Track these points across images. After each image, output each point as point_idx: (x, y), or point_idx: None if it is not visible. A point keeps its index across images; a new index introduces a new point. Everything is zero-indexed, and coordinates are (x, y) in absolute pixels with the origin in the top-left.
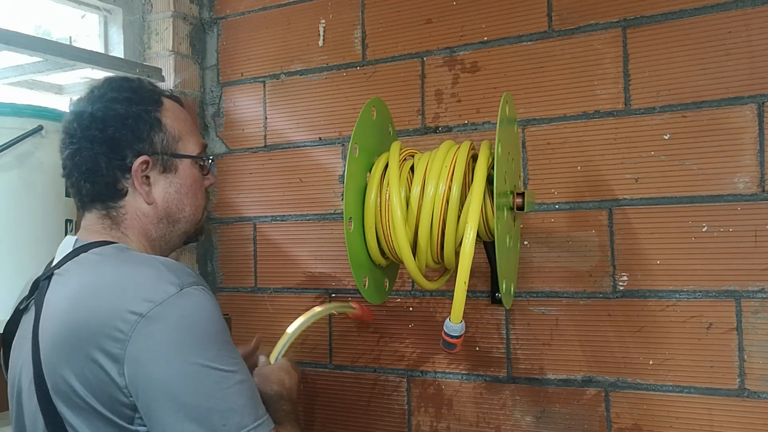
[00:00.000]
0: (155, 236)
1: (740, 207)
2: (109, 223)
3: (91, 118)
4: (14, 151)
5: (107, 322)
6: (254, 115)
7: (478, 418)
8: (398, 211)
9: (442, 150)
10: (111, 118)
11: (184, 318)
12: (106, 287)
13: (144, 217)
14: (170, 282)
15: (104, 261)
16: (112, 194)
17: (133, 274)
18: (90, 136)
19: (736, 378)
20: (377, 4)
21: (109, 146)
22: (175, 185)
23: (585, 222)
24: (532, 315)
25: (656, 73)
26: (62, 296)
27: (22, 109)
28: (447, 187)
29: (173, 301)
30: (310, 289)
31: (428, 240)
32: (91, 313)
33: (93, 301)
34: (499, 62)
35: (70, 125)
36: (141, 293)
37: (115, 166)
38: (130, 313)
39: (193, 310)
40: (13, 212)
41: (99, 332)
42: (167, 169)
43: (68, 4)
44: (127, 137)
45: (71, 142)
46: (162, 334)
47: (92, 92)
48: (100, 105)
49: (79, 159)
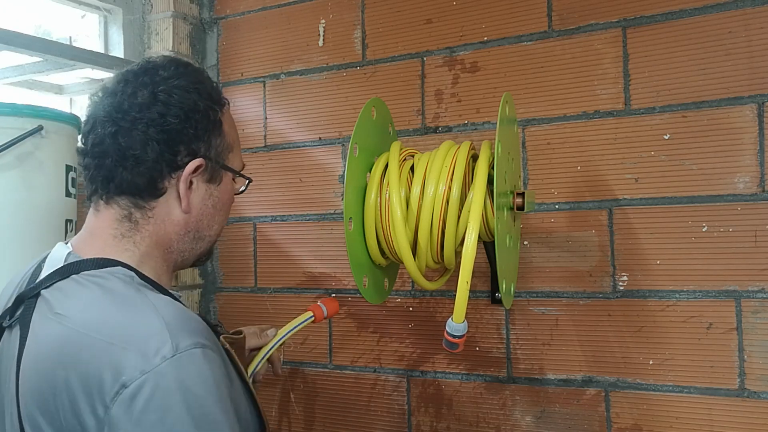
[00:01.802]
0: (175, 249)
1: (740, 207)
2: (124, 229)
3: (152, 99)
4: (14, 151)
5: (93, 381)
6: (254, 115)
7: (478, 418)
8: (398, 211)
9: (442, 150)
10: (176, 105)
11: (172, 393)
12: (96, 339)
13: (172, 225)
14: (164, 343)
15: (100, 299)
16: (149, 190)
17: (128, 327)
18: (147, 119)
19: (736, 378)
20: (377, 4)
21: (166, 136)
22: (214, 199)
23: (585, 222)
24: (532, 315)
25: (656, 73)
26: (47, 340)
27: (22, 109)
28: (447, 187)
29: (164, 369)
30: (310, 289)
31: (428, 240)
32: (78, 366)
33: (78, 359)
34: (499, 62)
35: (122, 101)
36: (131, 355)
37: (165, 160)
38: (115, 375)
39: (185, 386)
40: (13, 212)
41: (84, 389)
42: (213, 179)
43: (68, 4)
44: (188, 132)
45: (119, 119)
46: (145, 410)
47: (156, 71)
48: (164, 87)
49: (125, 141)
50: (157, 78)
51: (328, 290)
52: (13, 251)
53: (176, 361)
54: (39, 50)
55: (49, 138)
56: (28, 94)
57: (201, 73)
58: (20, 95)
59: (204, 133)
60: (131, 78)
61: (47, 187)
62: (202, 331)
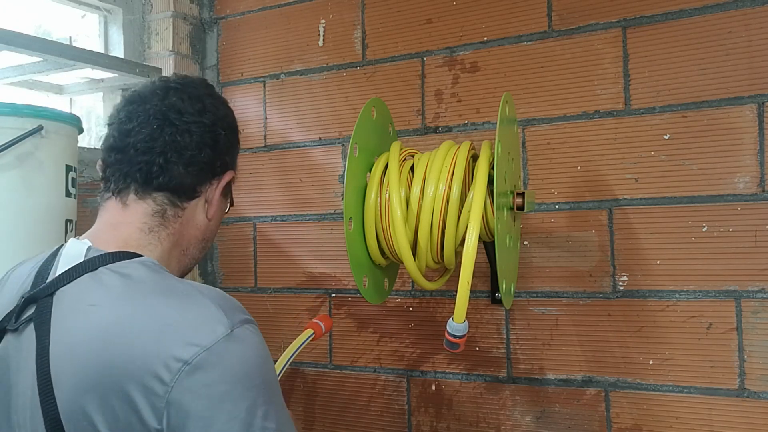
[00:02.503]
0: (189, 253)
1: (740, 207)
2: (154, 224)
3: (202, 107)
4: (14, 151)
5: (146, 368)
6: (254, 115)
7: (478, 418)
8: (398, 211)
9: (442, 150)
10: (222, 118)
11: (235, 367)
12: (144, 325)
13: (194, 228)
14: (219, 321)
15: (136, 288)
16: (187, 191)
17: (175, 310)
18: (202, 124)
19: (736, 378)
20: (377, 4)
21: (217, 145)
22: (221, 211)
23: (585, 222)
24: (532, 315)
25: (656, 73)
26: (85, 329)
27: (22, 109)
28: (447, 187)
29: (222, 345)
30: (310, 289)
31: (428, 240)
32: (127, 356)
33: (127, 341)
34: (499, 62)
35: (180, 102)
36: (185, 335)
37: (210, 165)
38: (172, 359)
39: (246, 358)
40: (13, 212)
41: (136, 378)
42: (226, 194)
43: (68, 4)
44: (226, 145)
45: (176, 119)
46: (210, 384)
47: (194, 85)
48: (211, 100)
49: (183, 140)
50: (200, 91)
51: (328, 290)
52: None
53: (234, 337)
54: (39, 50)
55: (49, 138)
56: (28, 94)
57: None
58: (20, 95)
59: (234, 149)
60: (174, 86)
61: (47, 187)
62: (244, 308)
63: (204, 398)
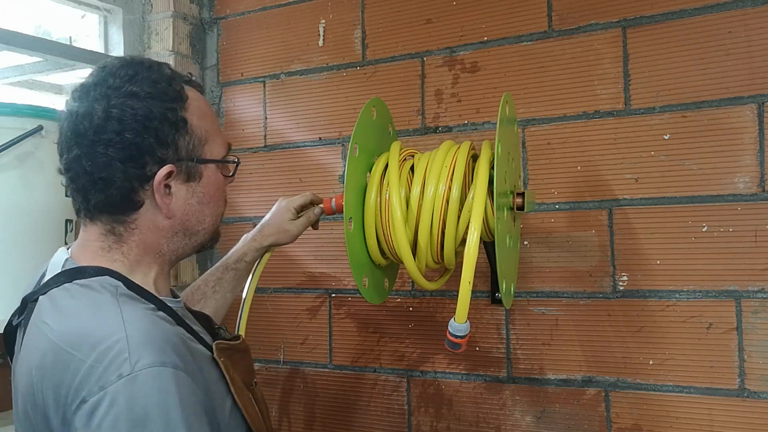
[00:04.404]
0: (166, 251)
1: (740, 207)
2: (110, 242)
3: (105, 117)
4: (14, 151)
5: (61, 392)
6: (254, 115)
7: (478, 418)
8: (398, 211)
9: (442, 150)
10: (131, 119)
11: (124, 413)
12: (67, 351)
13: (157, 231)
14: (124, 359)
15: (79, 311)
16: (125, 206)
17: (93, 341)
18: (105, 140)
19: (736, 378)
20: (377, 4)
21: (128, 153)
22: (198, 195)
23: (585, 222)
24: (532, 315)
25: (656, 73)
26: (35, 343)
27: (22, 109)
28: (447, 187)
29: (120, 387)
30: (310, 289)
31: (428, 240)
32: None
33: (55, 364)
34: (499, 62)
35: (79, 123)
36: (93, 369)
37: (132, 176)
38: (77, 389)
39: (139, 403)
40: (13, 212)
41: (54, 400)
42: (191, 178)
43: (68, 4)
44: (149, 143)
45: (79, 143)
46: (100, 426)
47: (106, 80)
48: (117, 101)
49: (91, 165)
50: (108, 91)
51: (327, 290)
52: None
53: (132, 380)
54: (39, 50)
55: (49, 138)
56: (28, 94)
57: (156, 70)
58: (20, 95)
59: (167, 137)
60: (84, 95)
61: (47, 187)
62: (171, 348)
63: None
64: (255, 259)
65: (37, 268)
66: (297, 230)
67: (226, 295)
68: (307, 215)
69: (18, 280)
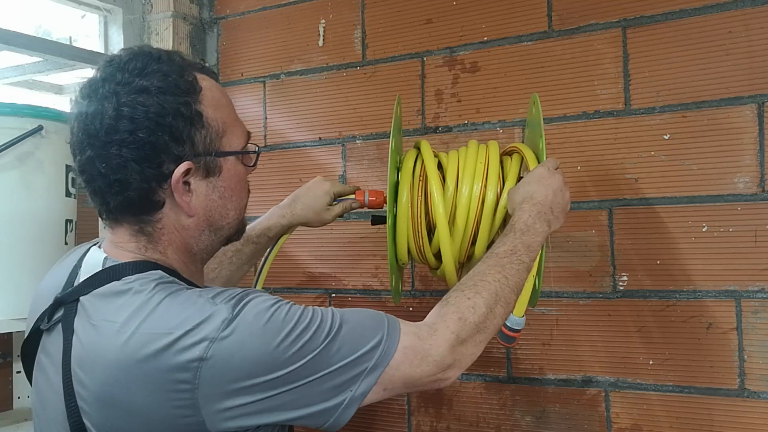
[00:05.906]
0: (197, 250)
1: (740, 207)
2: (144, 241)
3: (116, 117)
4: (14, 151)
5: (167, 377)
6: (254, 115)
7: (478, 418)
8: (440, 207)
9: (472, 149)
10: (143, 116)
11: (244, 343)
12: (156, 335)
13: (184, 230)
14: (219, 310)
15: (146, 302)
16: (146, 207)
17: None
18: (118, 141)
19: (736, 378)
20: (377, 4)
21: (143, 153)
22: (219, 190)
23: (585, 222)
24: (532, 315)
25: (656, 73)
26: (95, 343)
27: (22, 109)
28: (483, 186)
29: (230, 331)
30: (310, 289)
31: (461, 239)
32: (147, 370)
33: (145, 356)
34: (499, 62)
35: (89, 123)
36: (196, 335)
37: (149, 176)
38: (189, 358)
39: (252, 327)
40: (13, 212)
41: (161, 388)
42: (210, 173)
43: (68, 4)
44: (164, 140)
45: (91, 144)
46: (230, 364)
47: (115, 76)
48: (127, 99)
49: (105, 167)
50: (117, 87)
51: (328, 290)
52: (13, 251)
53: (238, 320)
54: (39, 50)
55: (49, 138)
56: (28, 94)
57: (166, 61)
58: (20, 95)
59: (182, 133)
60: (93, 92)
61: (47, 187)
62: (244, 290)
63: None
64: (278, 235)
65: (37, 268)
66: (331, 218)
67: (242, 267)
68: (343, 205)
69: (18, 280)
